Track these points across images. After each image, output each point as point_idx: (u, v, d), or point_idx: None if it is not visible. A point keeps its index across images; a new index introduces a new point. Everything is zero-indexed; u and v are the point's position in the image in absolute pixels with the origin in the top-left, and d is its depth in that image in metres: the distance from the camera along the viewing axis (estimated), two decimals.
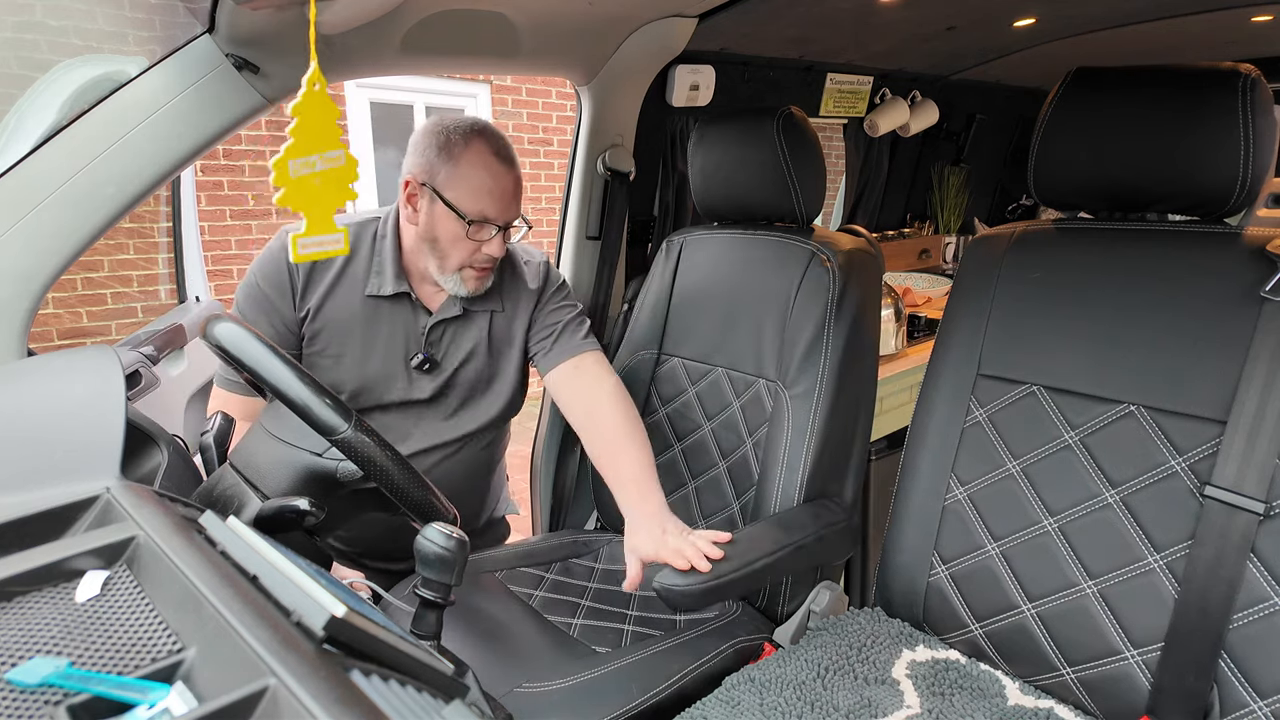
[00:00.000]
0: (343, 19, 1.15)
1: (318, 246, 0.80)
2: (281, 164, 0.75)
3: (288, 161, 0.76)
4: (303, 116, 0.75)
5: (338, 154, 0.78)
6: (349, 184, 0.80)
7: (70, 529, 0.56)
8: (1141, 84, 0.97)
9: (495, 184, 1.19)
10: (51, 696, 0.39)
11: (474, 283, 1.27)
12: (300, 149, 0.76)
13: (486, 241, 1.22)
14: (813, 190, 1.36)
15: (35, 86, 1.34)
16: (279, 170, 0.76)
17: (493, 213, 1.20)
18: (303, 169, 0.77)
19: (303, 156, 0.76)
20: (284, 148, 0.76)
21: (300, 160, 0.76)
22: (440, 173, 1.20)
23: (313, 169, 0.77)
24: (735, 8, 1.57)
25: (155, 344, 1.76)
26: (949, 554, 1.11)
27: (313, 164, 0.77)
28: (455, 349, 1.35)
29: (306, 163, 0.77)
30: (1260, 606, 0.87)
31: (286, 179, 0.76)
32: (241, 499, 0.84)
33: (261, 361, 0.82)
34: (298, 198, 0.77)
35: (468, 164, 1.19)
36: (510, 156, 1.22)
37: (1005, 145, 3.24)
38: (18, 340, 1.04)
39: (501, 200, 1.20)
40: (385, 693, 0.42)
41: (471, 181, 1.18)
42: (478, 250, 1.23)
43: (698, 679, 1.14)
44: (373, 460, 0.82)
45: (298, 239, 0.80)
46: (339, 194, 0.80)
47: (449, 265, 1.24)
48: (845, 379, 1.29)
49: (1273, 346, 0.88)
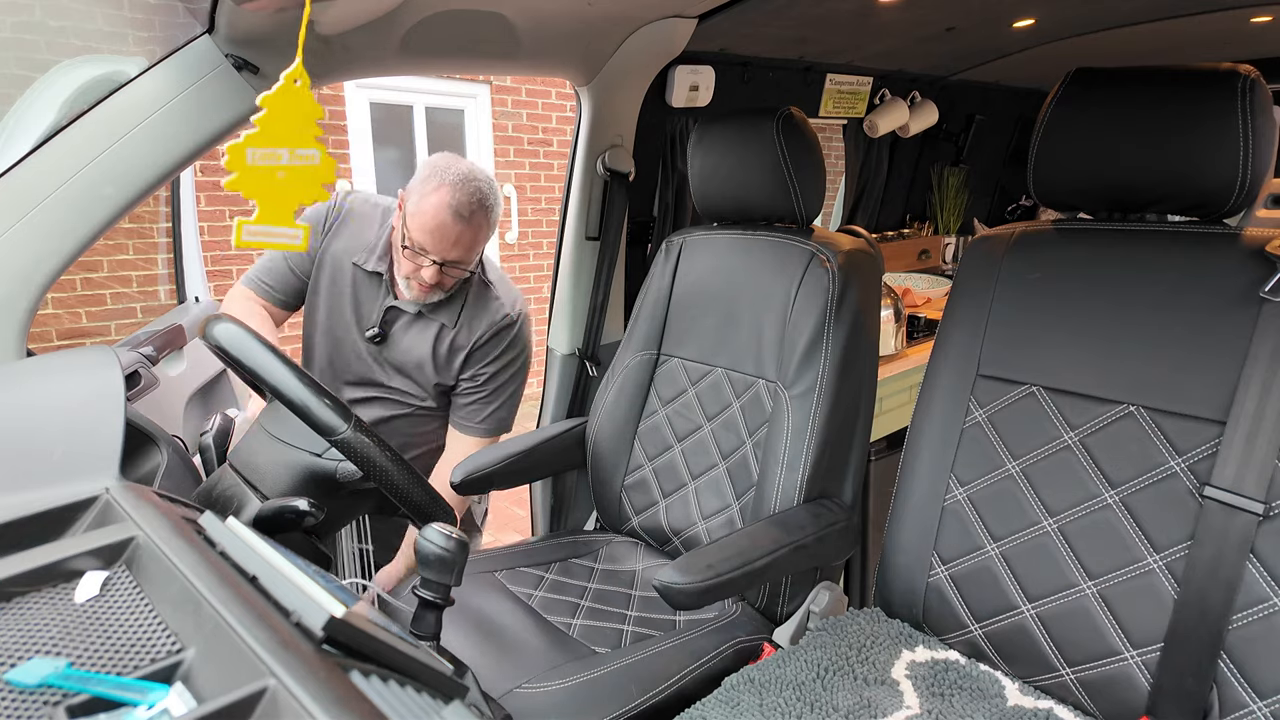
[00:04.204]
0: (342, 19, 1.15)
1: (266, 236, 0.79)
2: (238, 149, 0.75)
3: (245, 148, 0.75)
4: (273, 109, 0.75)
5: (312, 153, 0.78)
6: (321, 184, 0.79)
7: (70, 529, 0.56)
8: (1141, 84, 0.97)
9: (438, 229, 1.38)
10: (51, 697, 0.39)
11: (417, 291, 1.47)
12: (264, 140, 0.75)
13: (424, 266, 1.42)
14: (812, 191, 1.36)
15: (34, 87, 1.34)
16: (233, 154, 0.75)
17: (430, 248, 1.40)
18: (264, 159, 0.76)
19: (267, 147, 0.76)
20: (244, 134, 0.75)
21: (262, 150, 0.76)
22: (412, 200, 1.41)
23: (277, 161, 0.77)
24: (735, 8, 1.57)
25: (155, 344, 1.76)
26: (948, 554, 1.11)
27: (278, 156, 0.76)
28: (405, 339, 1.55)
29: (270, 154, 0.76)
30: (1260, 607, 0.87)
31: (241, 164, 0.75)
32: (241, 499, 0.84)
33: (261, 362, 0.82)
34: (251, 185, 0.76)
35: (428, 204, 1.38)
36: (465, 215, 1.39)
37: (1005, 146, 3.24)
38: (17, 340, 1.04)
39: (440, 244, 1.39)
40: (385, 693, 0.42)
41: (422, 218, 1.38)
42: (417, 270, 1.43)
43: (697, 679, 1.14)
44: (372, 460, 0.82)
45: (244, 224, 0.79)
46: (306, 191, 0.79)
47: (400, 271, 1.47)
48: (845, 379, 1.29)
49: (1272, 347, 0.88)
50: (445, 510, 0.89)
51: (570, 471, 1.88)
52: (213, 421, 0.96)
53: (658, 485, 1.50)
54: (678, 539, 1.45)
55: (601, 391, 1.60)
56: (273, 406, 0.91)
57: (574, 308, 1.91)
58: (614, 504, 1.56)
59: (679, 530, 1.45)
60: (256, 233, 0.79)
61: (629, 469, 1.55)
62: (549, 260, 3.85)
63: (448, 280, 1.47)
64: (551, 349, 1.96)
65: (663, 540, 1.49)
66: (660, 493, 1.50)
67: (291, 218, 0.80)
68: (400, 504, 0.86)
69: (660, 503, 1.49)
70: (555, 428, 1.66)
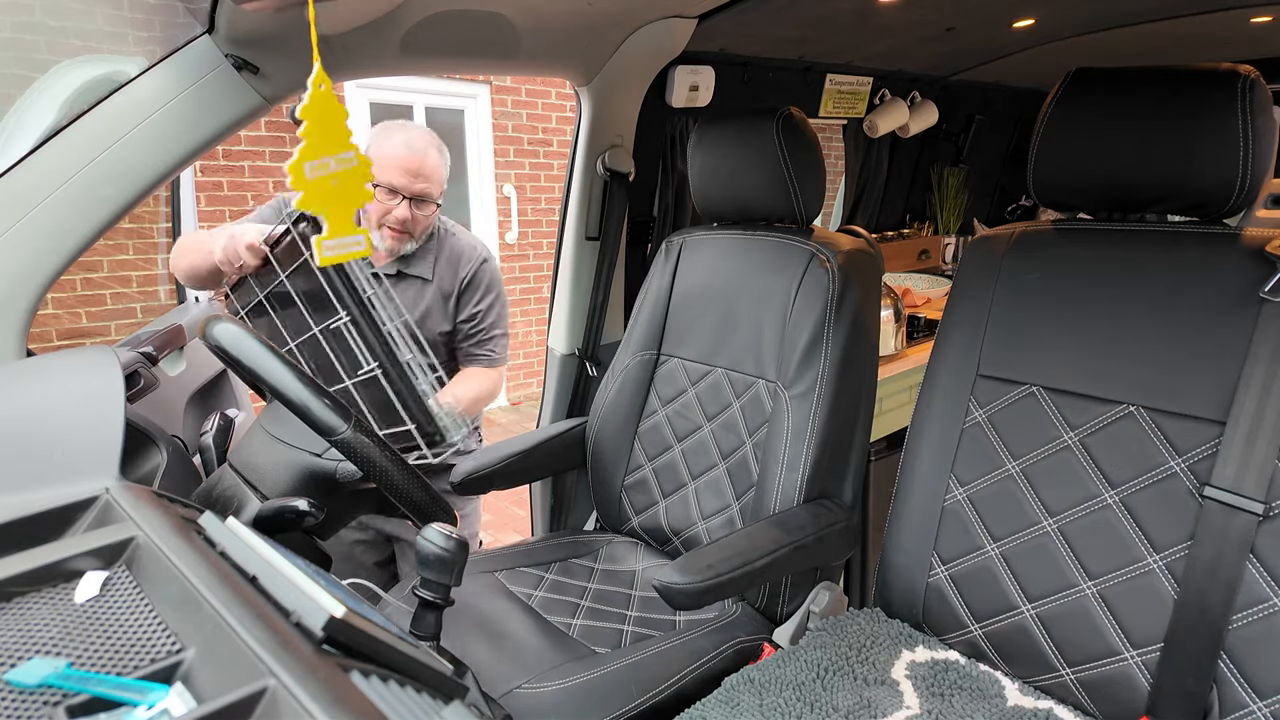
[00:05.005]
0: (342, 19, 1.15)
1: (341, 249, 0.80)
2: (297, 167, 0.75)
3: (303, 164, 0.75)
4: (312, 119, 0.75)
5: (349, 155, 0.78)
6: (363, 184, 0.80)
7: (69, 529, 0.56)
8: (1141, 85, 0.97)
9: (399, 162, 1.48)
10: (50, 697, 0.39)
11: (391, 240, 1.54)
12: (313, 151, 0.76)
13: (395, 207, 1.50)
14: (812, 191, 1.36)
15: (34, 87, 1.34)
16: (295, 174, 0.75)
17: (398, 184, 1.49)
18: (318, 171, 0.76)
19: (316, 159, 0.76)
20: (297, 150, 0.75)
21: (314, 163, 0.76)
22: (372, 150, 1.51)
23: (328, 170, 0.77)
24: (735, 8, 1.57)
25: (154, 344, 1.75)
26: (948, 555, 1.11)
27: (327, 165, 0.77)
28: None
29: (321, 165, 0.76)
30: (1260, 607, 0.87)
31: (304, 182, 0.76)
32: (241, 499, 0.84)
33: (261, 362, 0.82)
34: (317, 200, 0.77)
35: (389, 145, 1.50)
36: (422, 148, 1.51)
37: (1005, 146, 3.24)
38: (17, 340, 1.04)
39: (407, 175, 1.49)
40: (384, 693, 0.42)
41: (388, 158, 1.48)
42: (388, 213, 1.50)
43: (697, 679, 1.14)
44: (372, 460, 0.82)
45: (322, 242, 0.79)
46: (356, 195, 0.80)
47: (372, 222, 1.53)
48: (845, 379, 1.29)
49: (1272, 347, 0.88)
50: (445, 510, 0.89)
51: (570, 471, 1.88)
52: (213, 421, 0.96)
53: (658, 485, 1.50)
54: (678, 539, 1.45)
55: (601, 391, 1.60)
56: (273, 406, 0.91)
57: (574, 308, 1.91)
58: (614, 504, 1.56)
59: (679, 530, 1.45)
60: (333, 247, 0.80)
61: (629, 469, 1.55)
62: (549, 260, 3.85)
63: (419, 219, 1.54)
64: (551, 349, 1.96)
65: (663, 540, 1.49)
66: (660, 493, 1.50)
67: (353, 224, 0.81)
68: (400, 504, 0.86)
69: (660, 503, 1.49)
70: (555, 428, 1.66)
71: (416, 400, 1.11)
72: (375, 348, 1.09)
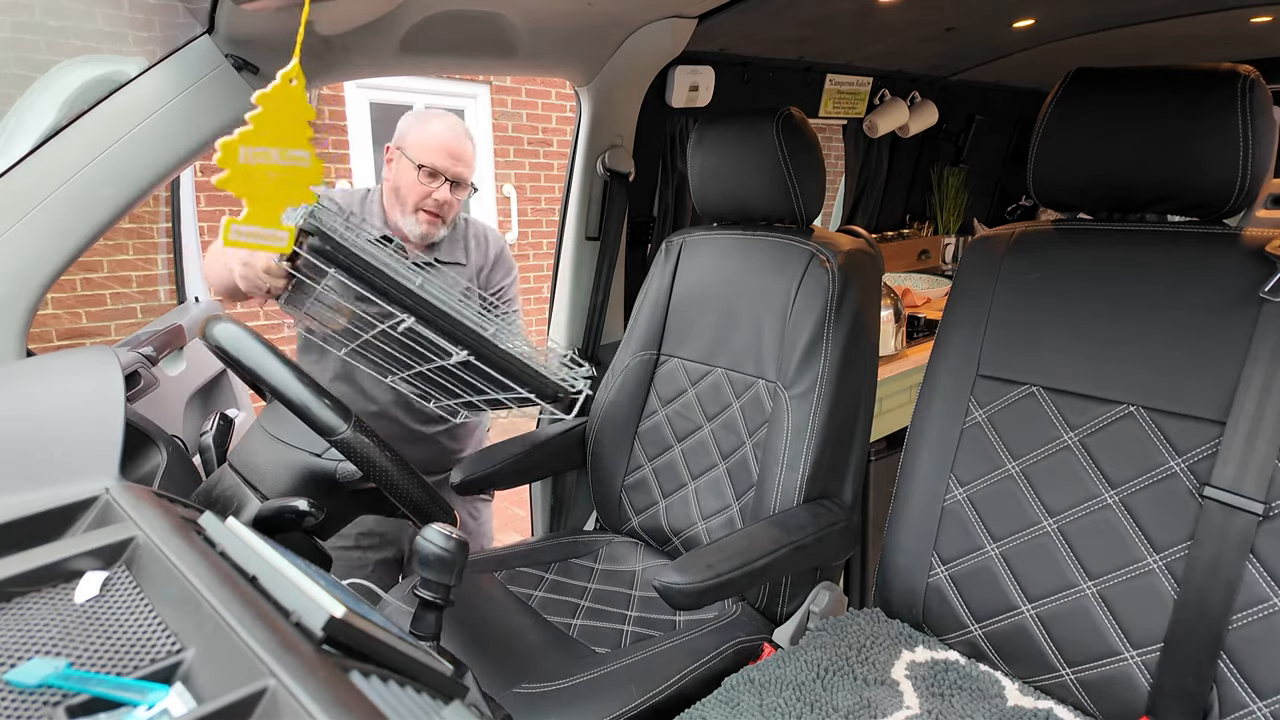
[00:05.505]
0: (342, 19, 1.15)
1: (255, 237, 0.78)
2: (230, 145, 0.73)
3: (238, 146, 0.74)
4: (267, 107, 0.74)
5: (303, 155, 0.77)
6: (309, 186, 0.79)
7: (69, 529, 0.56)
8: (1141, 85, 0.97)
9: (442, 145, 1.50)
10: (50, 697, 0.39)
11: (426, 225, 1.53)
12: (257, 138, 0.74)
13: (436, 189, 1.50)
14: (812, 191, 1.36)
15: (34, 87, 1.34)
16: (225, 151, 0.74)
17: (441, 166, 1.49)
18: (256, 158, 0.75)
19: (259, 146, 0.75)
20: (237, 131, 0.74)
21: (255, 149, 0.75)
22: (412, 135, 1.52)
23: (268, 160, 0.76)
24: (735, 8, 1.57)
25: (154, 344, 1.75)
26: (948, 555, 1.11)
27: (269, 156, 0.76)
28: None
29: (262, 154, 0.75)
30: (1260, 607, 0.87)
31: (233, 162, 0.74)
32: (241, 500, 0.84)
33: (261, 362, 0.82)
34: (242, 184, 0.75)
35: (432, 130, 1.51)
36: (461, 134, 1.53)
37: (1005, 146, 3.24)
38: (17, 340, 1.04)
39: (448, 157, 1.50)
40: (384, 693, 0.42)
41: (433, 140, 1.50)
42: (428, 195, 1.50)
43: (697, 680, 1.14)
44: (372, 461, 0.82)
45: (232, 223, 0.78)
46: (295, 194, 0.78)
47: (408, 207, 1.52)
48: (845, 379, 1.29)
49: (1272, 347, 0.88)
50: (445, 510, 0.89)
51: (570, 471, 1.88)
52: (213, 421, 0.96)
53: (658, 485, 1.50)
54: (678, 539, 1.45)
55: (601, 392, 1.60)
56: (272, 407, 0.91)
57: (574, 308, 1.91)
58: (614, 504, 1.56)
59: (679, 530, 1.45)
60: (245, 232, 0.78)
61: (629, 469, 1.55)
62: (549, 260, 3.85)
63: (454, 203, 1.55)
64: (551, 349, 1.96)
65: (663, 540, 1.49)
66: (660, 493, 1.50)
67: (279, 219, 0.79)
68: (400, 504, 0.86)
69: (660, 503, 1.49)
70: (555, 428, 1.66)
71: (521, 367, 1.08)
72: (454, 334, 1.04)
